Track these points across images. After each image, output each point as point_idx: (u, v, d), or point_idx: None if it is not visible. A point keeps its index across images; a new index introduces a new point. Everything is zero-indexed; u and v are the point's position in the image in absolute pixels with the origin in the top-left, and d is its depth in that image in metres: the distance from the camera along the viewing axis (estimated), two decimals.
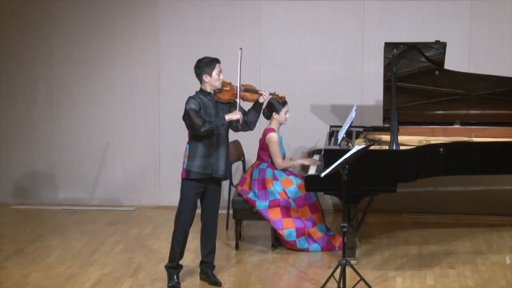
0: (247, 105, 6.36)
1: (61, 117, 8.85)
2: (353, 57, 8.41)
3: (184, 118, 6.21)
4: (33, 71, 8.81)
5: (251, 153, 7.94)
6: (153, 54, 8.67)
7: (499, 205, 8.31)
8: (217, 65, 6.22)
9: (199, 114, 6.14)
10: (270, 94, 6.48)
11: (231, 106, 6.31)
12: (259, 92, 6.34)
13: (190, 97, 6.22)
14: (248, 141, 7.93)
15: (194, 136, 6.23)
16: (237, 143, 7.98)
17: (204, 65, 6.21)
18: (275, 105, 7.22)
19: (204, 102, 6.21)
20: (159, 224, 8.14)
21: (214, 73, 6.20)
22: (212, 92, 6.24)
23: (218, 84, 6.23)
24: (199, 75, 6.23)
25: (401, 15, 8.29)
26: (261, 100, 6.34)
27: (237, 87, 6.27)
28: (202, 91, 6.25)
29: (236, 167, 8.25)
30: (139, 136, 8.80)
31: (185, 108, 6.16)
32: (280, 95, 6.65)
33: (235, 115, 6.20)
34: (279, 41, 8.51)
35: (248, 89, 6.33)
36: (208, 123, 6.12)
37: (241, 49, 6.28)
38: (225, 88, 6.27)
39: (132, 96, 8.76)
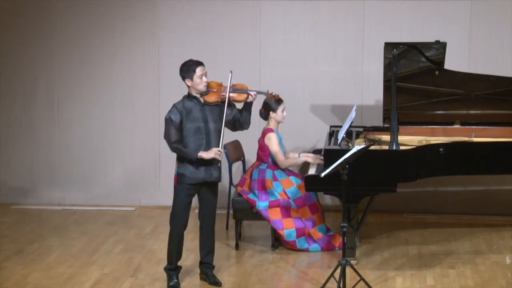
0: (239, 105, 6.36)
1: (61, 117, 8.85)
2: (353, 57, 8.41)
3: None
4: (33, 71, 8.81)
5: (251, 153, 7.93)
6: (153, 54, 8.67)
7: (499, 205, 8.31)
8: (198, 68, 6.13)
9: (178, 128, 6.11)
10: (260, 93, 6.42)
11: (221, 108, 6.23)
12: (247, 92, 6.29)
13: (174, 104, 6.19)
14: (248, 141, 7.93)
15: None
16: (237, 143, 7.98)
17: (186, 70, 6.15)
18: (271, 104, 7.20)
19: (189, 107, 6.16)
20: (159, 224, 8.14)
21: (195, 77, 6.12)
22: (198, 95, 6.21)
23: (201, 87, 6.16)
24: (183, 79, 6.20)
25: (401, 15, 8.29)
26: (249, 100, 6.30)
27: (225, 87, 6.22)
28: (188, 95, 6.22)
29: (236, 167, 8.25)
30: (139, 136, 8.79)
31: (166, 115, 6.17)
32: (273, 94, 6.62)
33: (208, 155, 6.12)
34: (279, 41, 8.51)
35: (236, 90, 6.28)
36: (181, 147, 6.11)
37: (231, 72, 6.20)
38: (212, 90, 6.22)
39: (132, 96, 8.76)
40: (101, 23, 8.69)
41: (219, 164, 6.20)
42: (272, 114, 7.26)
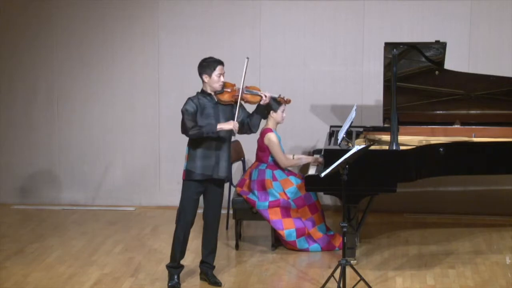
0: (250, 108, 6.36)
1: (61, 117, 8.85)
2: (353, 57, 8.41)
3: None
4: (33, 71, 8.81)
5: (251, 153, 7.93)
6: (153, 54, 8.67)
7: (499, 205, 8.31)
8: (219, 67, 6.18)
9: (193, 117, 6.13)
10: (273, 96, 6.45)
11: (232, 107, 6.27)
12: (260, 94, 6.32)
13: (188, 98, 6.22)
14: (248, 141, 7.92)
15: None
16: (237, 143, 7.98)
17: (206, 66, 6.19)
18: (272, 104, 7.17)
19: (203, 103, 6.19)
20: (159, 224, 8.14)
21: (214, 74, 6.17)
22: (212, 93, 6.24)
23: (217, 86, 6.20)
24: (200, 75, 6.22)
25: (401, 15, 8.29)
26: (262, 102, 6.32)
27: (239, 89, 6.25)
28: (202, 92, 6.25)
29: (236, 167, 8.25)
30: (139, 136, 8.79)
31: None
32: (285, 98, 6.64)
33: (227, 126, 6.15)
34: (279, 41, 8.51)
35: (250, 91, 6.31)
36: (197, 128, 6.11)
37: (248, 58, 6.24)
38: (226, 90, 6.25)
39: (132, 96, 8.76)
40: (101, 23, 8.69)
41: (233, 134, 6.17)
42: (272, 113, 7.26)
